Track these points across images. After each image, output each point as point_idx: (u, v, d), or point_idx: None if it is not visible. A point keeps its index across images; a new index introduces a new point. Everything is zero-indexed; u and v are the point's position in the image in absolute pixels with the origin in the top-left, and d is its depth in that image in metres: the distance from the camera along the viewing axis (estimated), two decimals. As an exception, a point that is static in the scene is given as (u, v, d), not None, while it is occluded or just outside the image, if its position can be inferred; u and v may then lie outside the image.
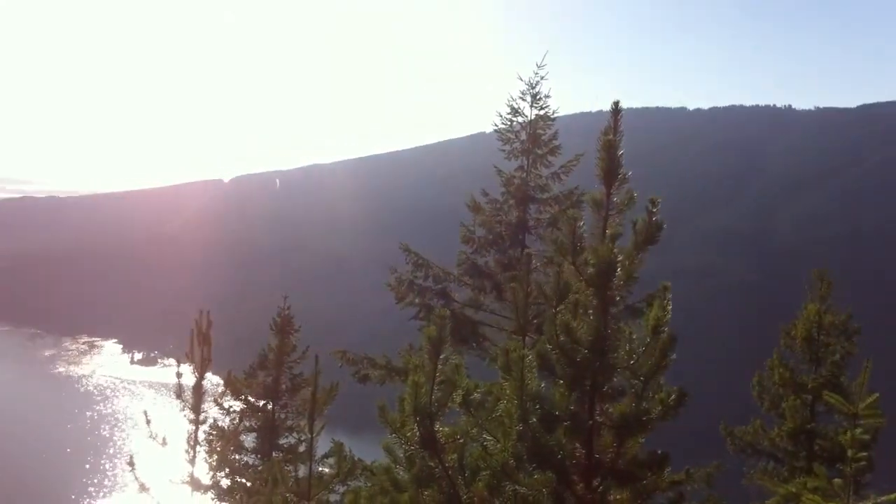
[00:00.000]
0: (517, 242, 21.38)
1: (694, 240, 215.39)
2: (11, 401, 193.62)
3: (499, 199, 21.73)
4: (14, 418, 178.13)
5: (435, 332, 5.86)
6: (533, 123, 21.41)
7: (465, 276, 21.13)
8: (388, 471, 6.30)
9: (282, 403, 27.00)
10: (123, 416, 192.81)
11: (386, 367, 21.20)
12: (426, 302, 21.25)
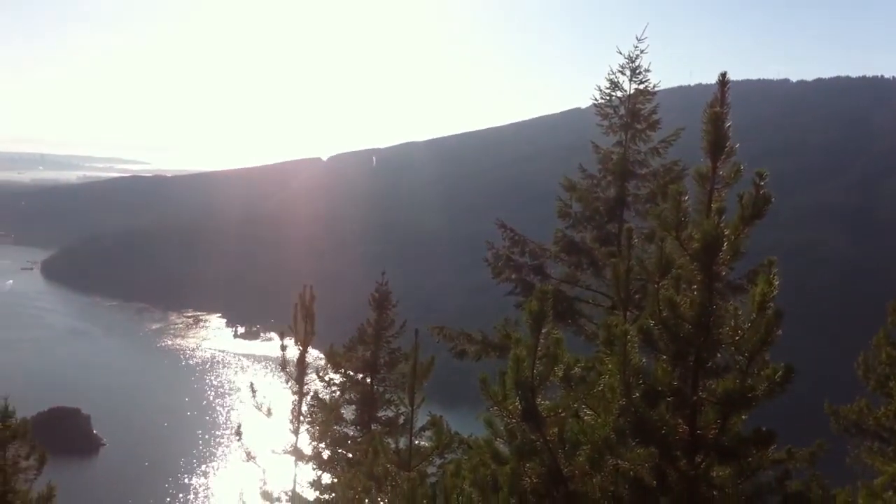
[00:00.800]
0: (615, 218, 21.15)
1: (795, 215, 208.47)
2: (122, 373, 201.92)
3: (596, 174, 21.52)
4: (124, 390, 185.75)
5: (536, 307, 5.88)
6: (632, 98, 21.09)
7: (561, 252, 21.02)
8: (489, 443, 6.36)
9: (380, 377, 27.45)
10: (228, 388, 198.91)
11: (482, 343, 21.30)
12: (522, 278, 21.25)
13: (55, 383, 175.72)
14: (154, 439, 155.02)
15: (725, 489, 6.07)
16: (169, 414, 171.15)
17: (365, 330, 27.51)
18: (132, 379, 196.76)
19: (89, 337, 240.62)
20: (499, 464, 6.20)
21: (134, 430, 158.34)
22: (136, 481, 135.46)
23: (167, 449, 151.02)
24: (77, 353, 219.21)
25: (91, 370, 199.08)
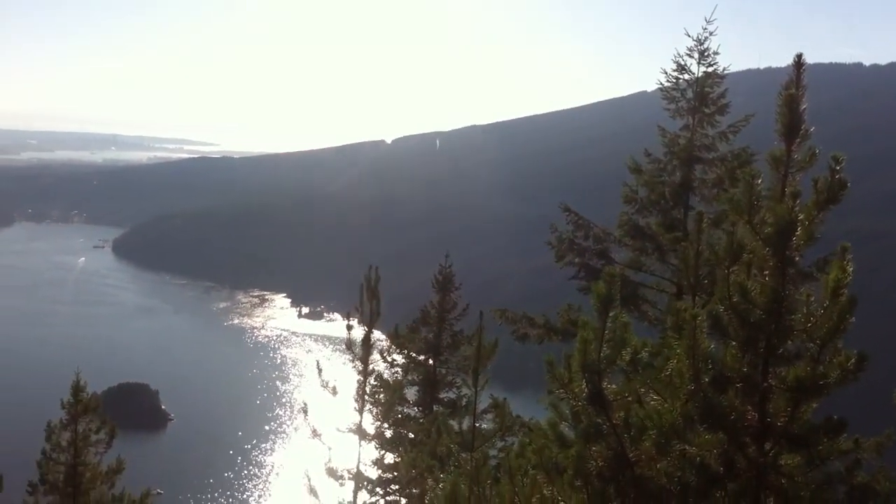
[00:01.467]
0: (681, 203, 20.87)
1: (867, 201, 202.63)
2: (190, 350, 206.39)
3: (662, 159, 21.24)
4: (192, 367, 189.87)
5: (604, 290, 5.85)
6: (700, 81, 20.74)
7: (626, 236, 20.84)
8: (554, 426, 6.37)
9: (442, 359, 27.55)
10: (292, 367, 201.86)
11: (544, 327, 21.24)
12: (586, 262, 21.13)
13: (125, 359, 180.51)
14: (220, 416, 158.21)
15: (794, 477, 5.99)
16: (235, 391, 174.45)
17: (428, 312, 27.62)
18: (200, 356, 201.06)
19: (158, 314, 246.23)
20: (564, 447, 6.20)
21: (201, 407, 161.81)
22: (203, 456, 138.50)
23: (233, 425, 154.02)
24: (146, 329, 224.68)
25: (160, 347, 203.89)
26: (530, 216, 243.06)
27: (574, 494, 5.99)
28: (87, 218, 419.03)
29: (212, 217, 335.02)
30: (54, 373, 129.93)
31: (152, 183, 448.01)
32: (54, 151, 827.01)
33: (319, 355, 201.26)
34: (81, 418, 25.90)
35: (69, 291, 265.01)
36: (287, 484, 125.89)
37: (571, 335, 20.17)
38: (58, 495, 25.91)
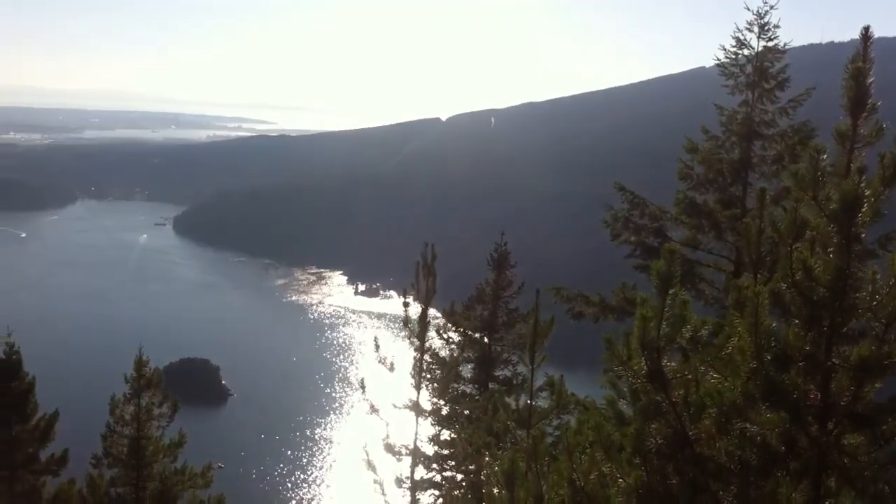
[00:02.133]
0: (739, 180, 20.58)
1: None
2: (249, 326, 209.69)
3: (719, 135, 20.95)
4: (251, 343, 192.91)
5: (664, 267, 5.81)
6: (760, 56, 20.35)
7: (682, 214, 20.63)
8: (613, 403, 6.37)
9: (497, 336, 27.63)
10: (349, 343, 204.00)
11: (600, 305, 21.18)
12: (642, 240, 20.99)
13: (186, 335, 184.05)
14: (279, 391, 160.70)
15: (857, 457, 5.90)
16: (293, 367, 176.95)
17: (483, 290, 27.71)
18: (259, 332, 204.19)
19: (218, 291, 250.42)
20: (622, 424, 6.20)
21: (260, 382, 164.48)
22: (263, 431, 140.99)
23: (292, 400, 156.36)
24: (206, 306, 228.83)
25: (220, 323, 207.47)
26: (585, 195, 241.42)
27: (632, 472, 5.98)
28: (148, 195, 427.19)
29: (269, 195, 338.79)
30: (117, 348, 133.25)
31: (211, 161, 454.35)
32: (115, 130, 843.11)
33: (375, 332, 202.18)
34: (144, 393, 26.56)
35: (131, 268, 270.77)
36: (344, 458, 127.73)
37: (627, 313, 20.10)
38: (121, 468, 26.63)
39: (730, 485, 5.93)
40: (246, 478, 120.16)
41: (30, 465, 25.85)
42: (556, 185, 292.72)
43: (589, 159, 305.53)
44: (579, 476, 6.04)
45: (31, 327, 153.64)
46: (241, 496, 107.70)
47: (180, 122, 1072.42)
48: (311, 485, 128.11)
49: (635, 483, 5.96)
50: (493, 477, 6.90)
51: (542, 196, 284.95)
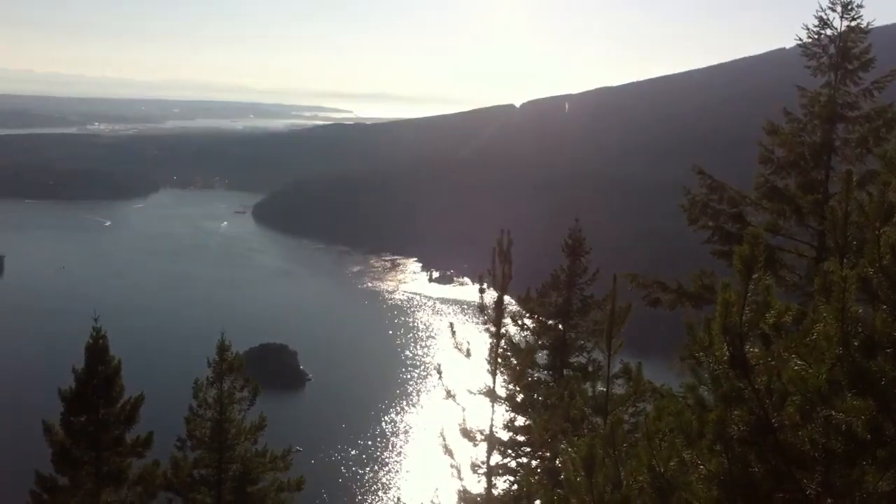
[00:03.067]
0: (821, 164, 20.03)
1: None
2: (326, 312, 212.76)
3: (801, 118, 20.40)
4: (328, 329, 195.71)
5: (748, 251, 5.71)
6: (843, 36, 19.73)
7: (762, 199, 20.19)
8: (693, 389, 6.28)
9: (572, 323, 27.42)
10: (424, 330, 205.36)
11: (677, 292, 20.85)
12: (720, 225, 20.63)
13: (265, 320, 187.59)
14: (355, 376, 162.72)
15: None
16: (369, 352, 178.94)
17: (558, 276, 27.53)
18: (335, 318, 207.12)
19: (295, 277, 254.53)
20: (702, 410, 6.12)
21: (337, 367, 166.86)
22: (339, 415, 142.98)
23: (368, 385, 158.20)
24: (284, 292, 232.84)
25: (297, 309, 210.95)
26: (661, 179, 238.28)
27: (713, 459, 5.91)
28: (228, 184, 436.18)
29: (345, 183, 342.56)
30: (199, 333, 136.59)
31: (289, 150, 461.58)
32: (196, 120, 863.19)
33: (449, 319, 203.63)
34: (226, 377, 27.19)
35: (212, 255, 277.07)
36: (419, 443, 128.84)
37: (704, 300, 19.78)
38: (204, 450, 27.34)
39: (814, 473, 5.82)
40: (323, 461, 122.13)
41: (116, 446, 26.55)
42: (630, 169, 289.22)
43: (664, 144, 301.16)
44: (659, 462, 5.99)
45: (116, 312, 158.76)
46: (319, 479, 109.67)
47: (258, 111, 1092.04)
48: (386, 468, 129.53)
49: (716, 470, 5.90)
50: (570, 463, 6.86)
51: (617, 181, 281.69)
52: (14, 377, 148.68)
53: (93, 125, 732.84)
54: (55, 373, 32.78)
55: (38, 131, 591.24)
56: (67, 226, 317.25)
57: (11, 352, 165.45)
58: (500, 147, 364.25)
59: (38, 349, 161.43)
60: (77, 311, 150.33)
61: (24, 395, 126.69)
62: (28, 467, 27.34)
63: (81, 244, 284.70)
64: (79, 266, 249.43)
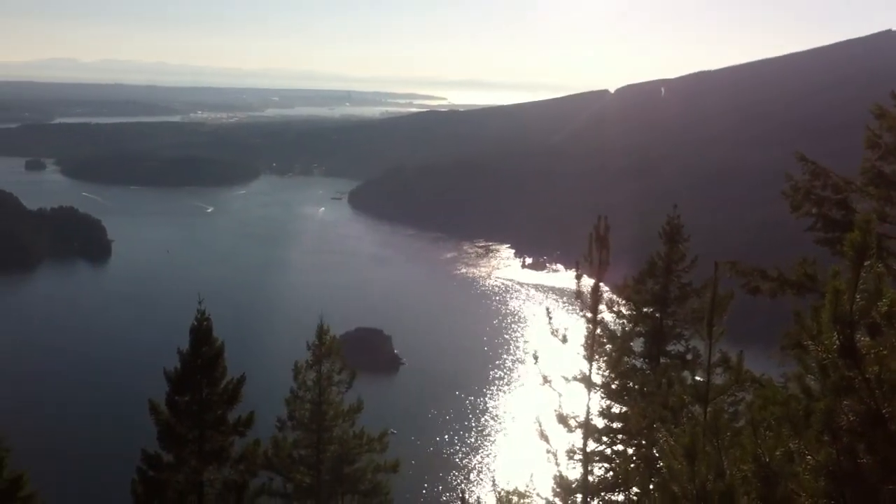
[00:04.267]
0: (931, 149, 19.16)
1: None
2: (420, 298, 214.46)
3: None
4: (422, 314, 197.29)
5: (859, 238, 5.54)
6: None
7: (868, 185, 19.45)
8: (801, 378, 6.15)
9: (669, 311, 26.98)
10: (517, 316, 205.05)
11: (778, 280, 20.29)
12: (824, 212, 19.98)
13: (361, 305, 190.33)
14: (449, 361, 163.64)
15: None
16: (463, 338, 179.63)
17: (655, 263, 27.11)
18: (429, 304, 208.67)
19: (390, 263, 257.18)
20: (810, 399, 5.98)
21: (430, 352, 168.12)
22: (434, 399, 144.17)
23: (462, 370, 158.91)
24: (379, 277, 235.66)
25: (392, 294, 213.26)
26: (761, 165, 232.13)
27: (821, 449, 5.78)
28: (325, 170, 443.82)
29: (439, 169, 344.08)
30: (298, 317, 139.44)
31: (384, 137, 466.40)
32: (295, 108, 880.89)
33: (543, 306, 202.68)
34: (325, 360, 27.79)
35: (310, 241, 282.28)
36: (514, 427, 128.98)
37: (807, 289, 19.20)
38: (303, 431, 28.02)
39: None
40: (418, 445, 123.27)
41: (218, 425, 27.34)
42: (730, 155, 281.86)
43: (763, 129, 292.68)
44: (765, 452, 5.88)
45: (219, 295, 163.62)
46: (414, 462, 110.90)
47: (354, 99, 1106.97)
48: (481, 452, 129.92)
49: (824, 460, 5.77)
50: (671, 451, 6.79)
51: (715, 167, 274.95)
52: (121, 357, 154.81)
53: (196, 114, 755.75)
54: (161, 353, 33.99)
55: (145, 120, 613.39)
56: (172, 211, 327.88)
57: (119, 333, 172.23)
58: (594, 133, 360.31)
59: (143, 330, 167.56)
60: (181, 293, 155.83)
61: (130, 375, 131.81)
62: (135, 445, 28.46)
63: (185, 229, 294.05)
64: (182, 250, 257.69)
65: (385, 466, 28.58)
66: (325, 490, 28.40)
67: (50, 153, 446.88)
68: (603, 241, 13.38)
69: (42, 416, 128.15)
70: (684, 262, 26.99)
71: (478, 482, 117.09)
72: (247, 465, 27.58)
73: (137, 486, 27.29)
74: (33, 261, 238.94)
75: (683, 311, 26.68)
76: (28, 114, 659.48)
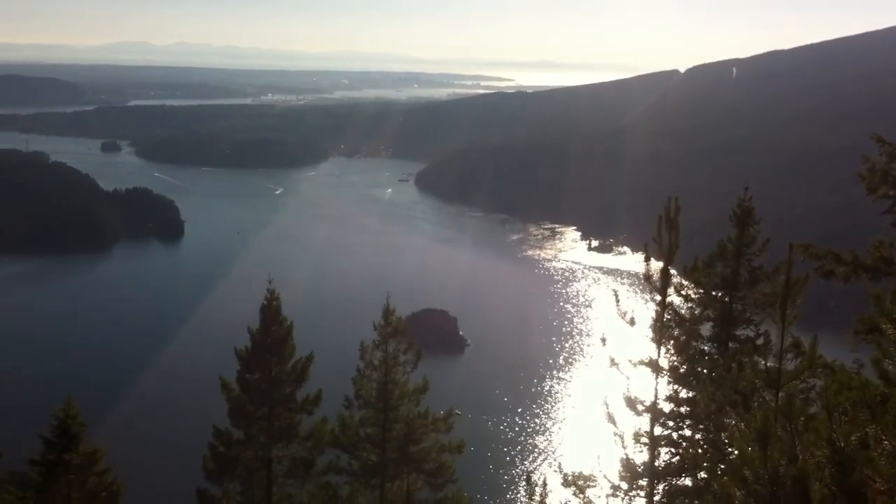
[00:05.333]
0: None
1: None
2: (485, 280, 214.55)
3: None
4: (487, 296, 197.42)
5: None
6: None
7: (950, 166, 18.82)
8: (878, 363, 5.99)
9: (739, 295, 26.51)
10: (583, 299, 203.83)
11: (853, 264, 19.79)
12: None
13: (426, 286, 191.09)
14: (514, 343, 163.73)
15: None
16: (528, 320, 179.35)
17: (725, 246, 26.65)
18: (494, 285, 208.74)
19: (456, 245, 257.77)
20: (889, 385, 5.83)
21: (495, 334, 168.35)
22: (499, 381, 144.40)
23: (527, 352, 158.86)
24: (445, 259, 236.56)
25: (457, 276, 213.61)
26: (834, 147, 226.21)
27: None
28: (392, 152, 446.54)
29: (506, 151, 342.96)
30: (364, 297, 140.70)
31: (451, 119, 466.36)
32: (363, 90, 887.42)
33: (609, 288, 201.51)
34: (391, 340, 28.03)
35: (377, 222, 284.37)
36: (579, 410, 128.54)
37: (883, 273, 18.69)
38: (370, 409, 28.34)
39: None
40: (483, 426, 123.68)
41: (287, 403, 27.92)
42: (803, 136, 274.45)
43: (837, 110, 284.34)
44: (840, 437, 5.76)
45: (288, 276, 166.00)
46: (479, 443, 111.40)
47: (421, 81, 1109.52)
48: (546, 434, 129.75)
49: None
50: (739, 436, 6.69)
51: (788, 149, 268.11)
52: (193, 335, 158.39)
53: (266, 96, 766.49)
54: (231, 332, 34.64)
55: (217, 102, 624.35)
56: (242, 193, 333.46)
57: (191, 311, 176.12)
58: (663, 114, 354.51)
59: (215, 309, 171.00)
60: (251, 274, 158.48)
61: (202, 352, 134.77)
62: (206, 422, 29.15)
63: (255, 210, 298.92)
64: (252, 231, 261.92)
65: (450, 447, 28.74)
66: (390, 468, 28.70)
67: (125, 135, 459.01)
68: (673, 223, 13.18)
69: (117, 392, 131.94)
70: (755, 246, 26.47)
71: (543, 464, 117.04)
72: (314, 442, 28.12)
73: (209, 461, 28.06)
74: (109, 240, 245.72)
75: (753, 295, 26.20)
76: (104, 96, 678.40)
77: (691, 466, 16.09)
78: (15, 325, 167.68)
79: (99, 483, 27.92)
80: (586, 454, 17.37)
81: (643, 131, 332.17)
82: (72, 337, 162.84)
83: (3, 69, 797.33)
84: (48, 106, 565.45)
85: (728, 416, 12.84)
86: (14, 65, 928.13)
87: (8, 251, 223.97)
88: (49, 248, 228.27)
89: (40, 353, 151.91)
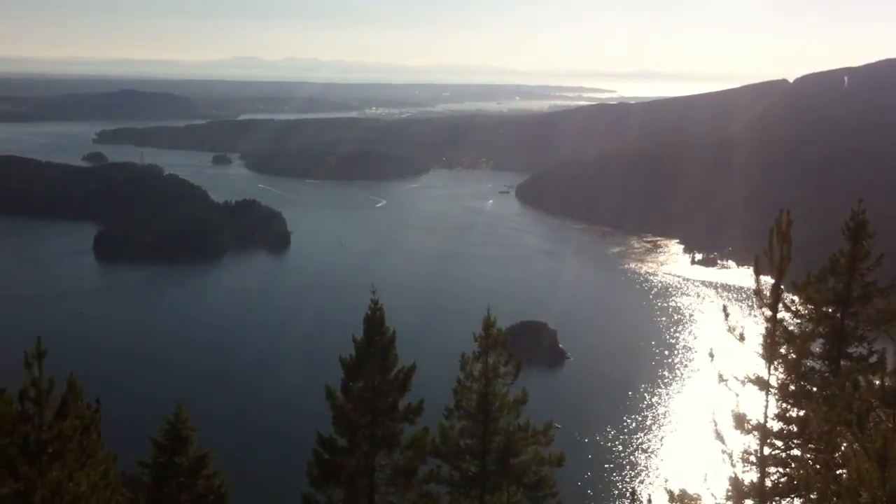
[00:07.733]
0: None
1: None
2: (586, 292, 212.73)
3: None
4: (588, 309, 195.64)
5: None
6: None
7: None
8: None
9: (852, 311, 25.63)
10: (687, 313, 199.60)
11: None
12: None
13: (527, 298, 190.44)
14: (614, 356, 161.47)
15: None
16: (630, 334, 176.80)
17: (837, 260, 25.80)
18: (596, 298, 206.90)
19: (558, 257, 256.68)
20: None
21: (596, 347, 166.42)
22: (599, 394, 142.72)
23: (629, 366, 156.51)
24: (546, 271, 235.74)
25: (558, 288, 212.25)
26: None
27: None
28: (493, 164, 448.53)
29: (607, 163, 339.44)
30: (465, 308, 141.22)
31: (552, 130, 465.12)
32: (464, 103, 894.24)
33: (713, 303, 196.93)
34: (492, 351, 28.04)
35: (478, 234, 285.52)
36: (683, 427, 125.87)
37: None
38: (470, 420, 28.39)
39: None
40: (583, 440, 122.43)
41: (390, 412, 28.20)
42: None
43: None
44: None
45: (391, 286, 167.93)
46: (579, 457, 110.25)
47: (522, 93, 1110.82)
48: (649, 450, 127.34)
49: None
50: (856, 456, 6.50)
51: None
52: (298, 344, 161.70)
53: (371, 110, 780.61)
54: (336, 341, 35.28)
55: (324, 116, 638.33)
56: (346, 204, 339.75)
57: (296, 320, 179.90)
58: (770, 125, 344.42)
59: (320, 319, 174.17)
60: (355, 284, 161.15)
61: (308, 361, 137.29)
62: (311, 429, 29.73)
63: (358, 222, 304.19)
64: (356, 242, 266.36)
65: (550, 460, 28.52)
66: (490, 480, 28.67)
67: (235, 148, 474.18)
68: (784, 236, 12.84)
69: (226, 397, 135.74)
70: (869, 260, 25.54)
71: (647, 481, 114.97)
72: (416, 451, 28.30)
73: (313, 467, 28.59)
74: (219, 251, 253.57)
75: (867, 311, 25.27)
76: (215, 111, 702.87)
77: (802, 487, 15.56)
78: (129, 332, 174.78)
79: (207, 486, 28.78)
80: (692, 472, 17.02)
81: (750, 142, 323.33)
82: (184, 343, 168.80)
83: (120, 84, 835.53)
84: (162, 120, 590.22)
85: (841, 436, 12.41)
86: (130, 80, 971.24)
87: (125, 259, 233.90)
88: (163, 257, 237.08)
89: (153, 358, 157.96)
